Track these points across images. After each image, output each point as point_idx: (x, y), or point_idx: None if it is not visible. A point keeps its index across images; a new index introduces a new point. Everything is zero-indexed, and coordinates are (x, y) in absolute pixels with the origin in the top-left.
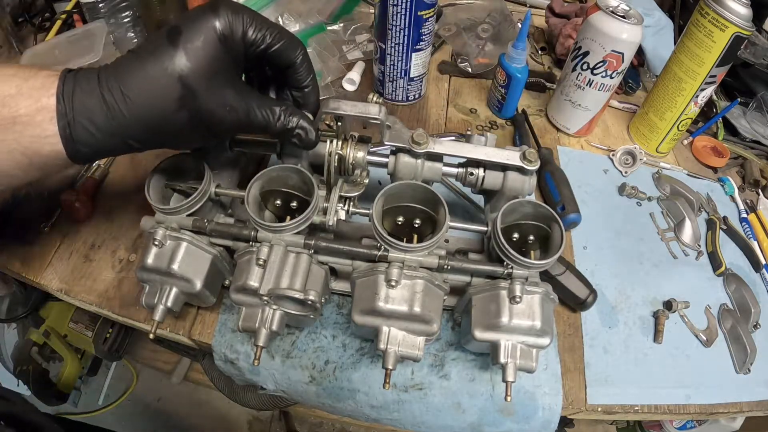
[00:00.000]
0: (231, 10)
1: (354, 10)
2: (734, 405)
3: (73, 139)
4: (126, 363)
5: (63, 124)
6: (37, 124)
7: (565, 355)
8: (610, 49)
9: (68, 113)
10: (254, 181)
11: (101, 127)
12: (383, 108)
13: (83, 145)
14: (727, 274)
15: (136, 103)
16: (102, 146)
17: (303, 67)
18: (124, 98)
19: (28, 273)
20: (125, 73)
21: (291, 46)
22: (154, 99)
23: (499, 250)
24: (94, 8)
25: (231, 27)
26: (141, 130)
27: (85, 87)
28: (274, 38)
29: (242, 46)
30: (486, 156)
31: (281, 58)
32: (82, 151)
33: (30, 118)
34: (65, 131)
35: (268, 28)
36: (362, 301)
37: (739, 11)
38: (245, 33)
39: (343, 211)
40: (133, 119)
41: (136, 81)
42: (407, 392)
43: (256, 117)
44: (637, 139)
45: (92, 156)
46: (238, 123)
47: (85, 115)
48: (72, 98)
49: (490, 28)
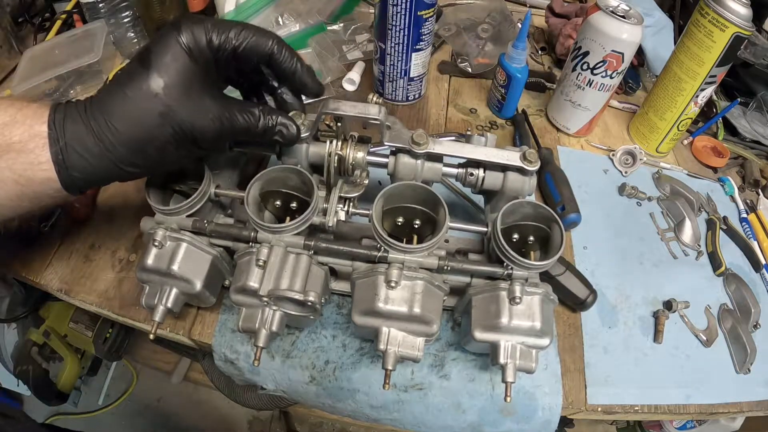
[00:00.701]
0: (192, 22)
1: (354, 10)
2: (734, 405)
3: (66, 165)
4: (126, 363)
5: (55, 150)
6: (30, 151)
7: (565, 355)
8: (610, 49)
9: (60, 139)
10: (254, 181)
11: (92, 151)
12: (383, 108)
13: (76, 170)
14: (727, 274)
15: (121, 127)
16: (94, 172)
17: (283, 54)
18: (108, 125)
19: (28, 273)
20: (107, 100)
21: (260, 40)
22: (136, 119)
23: (498, 251)
24: (94, 8)
25: (194, 37)
26: (129, 152)
27: (74, 115)
28: (240, 36)
29: (210, 53)
30: (486, 156)
31: (256, 52)
32: (74, 177)
33: (23, 145)
34: (57, 157)
35: (231, 29)
36: (362, 302)
37: (739, 11)
38: (210, 40)
39: (343, 211)
40: (120, 143)
41: (117, 105)
42: (407, 392)
43: (237, 121)
44: (637, 139)
45: (85, 184)
46: (221, 130)
47: (76, 141)
48: (63, 125)
49: (490, 28)
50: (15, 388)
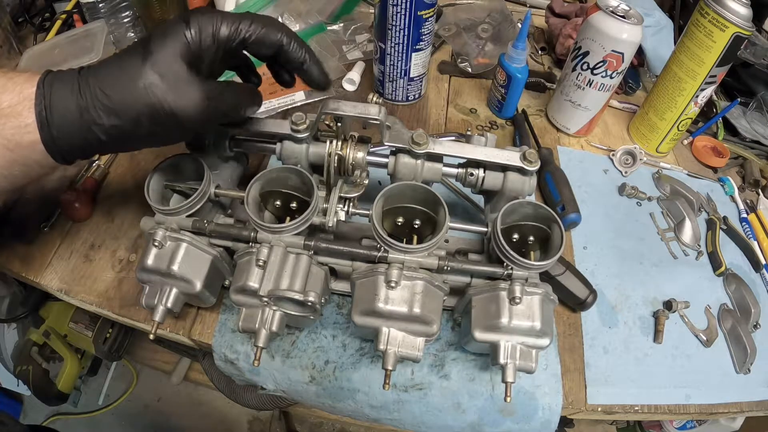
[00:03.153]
0: (201, 15)
1: (354, 10)
2: (734, 405)
3: (47, 124)
4: (126, 363)
5: (40, 109)
6: (18, 114)
7: (565, 355)
8: (610, 49)
9: (45, 98)
10: (254, 181)
11: (72, 110)
12: (383, 108)
13: (55, 128)
14: (727, 274)
15: (107, 90)
16: (72, 132)
17: (293, 45)
18: (96, 87)
19: (28, 273)
20: (101, 68)
21: (270, 30)
22: (124, 88)
23: (498, 251)
24: (94, 8)
25: (201, 31)
26: (112, 122)
27: (66, 77)
28: (250, 28)
29: (215, 47)
30: (486, 156)
31: (265, 44)
32: (56, 138)
33: (12, 109)
34: (41, 116)
35: (241, 21)
36: (362, 302)
37: (739, 11)
38: (218, 32)
39: (343, 211)
40: (102, 105)
41: (110, 73)
42: (407, 392)
43: (227, 105)
44: (637, 139)
45: (67, 148)
46: (207, 112)
47: (60, 100)
48: (51, 87)
49: (490, 28)
50: (15, 388)
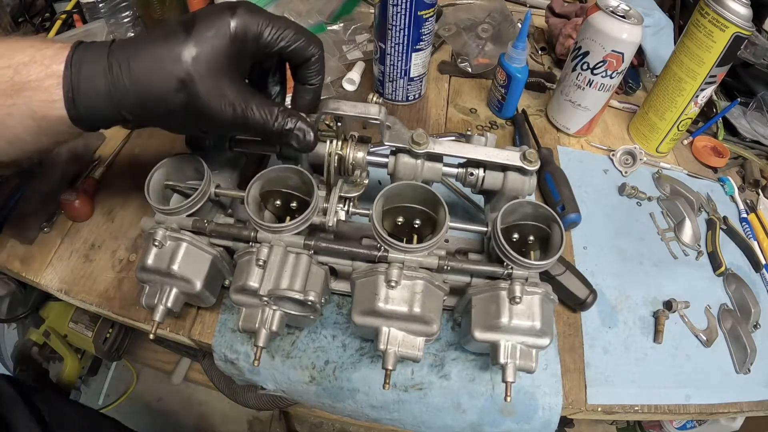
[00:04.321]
0: (248, 11)
1: (354, 10)
2: (734, 405)
3: (75, 104)
4: (126, 363)
5: (67, 89)
6: (45, 89)
7: (565, 355)
8: (610, 49)
9: (74, 79)
10: (254, 181)
11: (102, 94)
12: (383, 108)
13: (84, 109)
14: (727, 274)
15: (139, 77)
16: (101, 114)
17: (315, 66)
18: (129, 69)
19: (28, 273)
20: (135, 47)
21: (308, 44)
22: (155, 76)
23: (499, 250)
24: (94, 8)
25: (245, 27)
26: (137, 103)
27: (95, 56)
28: (293, 38)
29: (254, 47)
30: (486, 156)
31: (297, 55)
32: (83, 117)
33: (39, 83)
34: (68, 95)
35: (287, 28)
36: (362, 302)
37: (739, 11)
38: (260, 34)
39: (343, 211)
40: (133, 91)
41: (143, 56)
42: (407, 392)
43: (253, 116)
44: (637, 139)
45: (92, 123)
46: (234, 120)
47: (89, 81)
48: (80, 66)
49: (490, 28)
50: None
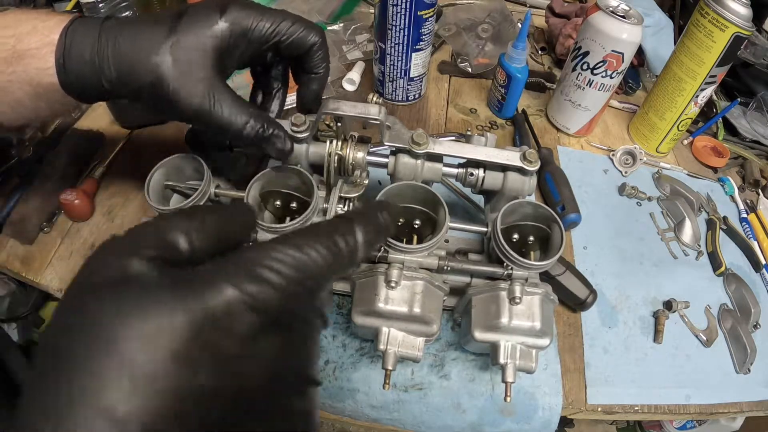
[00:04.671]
0: (240, 7)
1: (354, 10)
2: (734, 405)
3: (65, 70)
4: None
5: (59, 56)
6: (41, 57)
7: (565, 355)
8: (610, 49)
9: (66, 48)
10: (254, 181)
11: (87, 62)
12: (383, 108)
13: (73, 76)
14: (727, 274)
15: (120, 50)
16: (87, 81)
17: (318, 54)
18: (115, 43)
19: (28, 273)
20: (125, 25)
21: (308, 33)
22: (134, 53)
23: (498, 251)
24: (94, 8)
25: (236, 23)
26: (115, 75)
27: (87, 29)
28: (289, 29)
29: (245, 43)
30: (486, 156)
31: (297, 47)
32: (72, 83)
33: (37, 51)
34: (59, 62)
35: (282, 20)
36: (362, 302)
37: (739, 11)
38: (252, 29)
39: (343, 211)
40: (114, 62)
41: (129, 33)
42: (407, 392)
43: (219, 114)
44: (637, 139)
45: (81, 91)
46: (197, 113)
47: (78, 50)
48: (73, 36)
49: (490, 28)
50: None
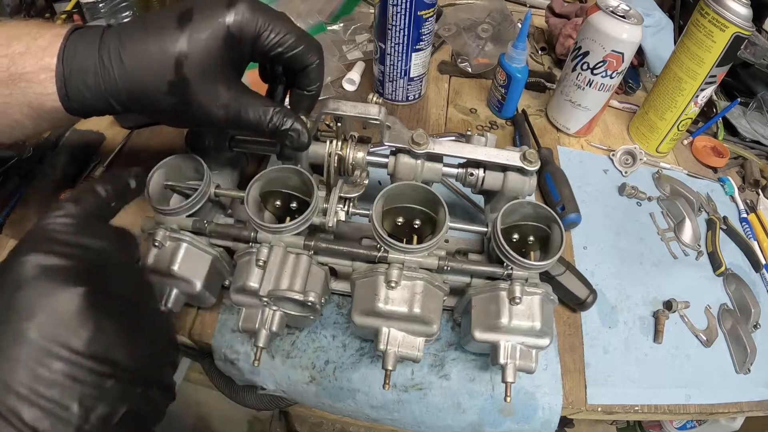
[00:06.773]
0: (248, 9)
1: (354, 10)
2: (734, 405)
3: (68, 98)
4: None
5: (60, 84)
6: (40, 82)
7: (565, 355)
8: (610, 49)
9: (66, 74)
10: (254, 181)
11: (92, 89)
12: (383, 108)
13: (77, 103)
14: (727, 274)
15: (129, 73)
16: (94, 106)
17: (313, 74)
18: (120, 64)
19: None
20: (128, 40)
21: (308, 50)
22: (147, 75)
23: (498, 251)
24: (94, 8)
25: (242, 28)
26: (128, 99)
27: (85, 49)
28: (292, 44)
29: (250, 47)
30: (486, 156)
31: (295, 62)
32: (77, 108)
33: (34, 75)
34: (62, 91)
35: (287, 33)
36: (362, 302)
37: (739, 11)
38: (258, 37)
39: (343, 211)
40: (124, 88)
41: (134, 50)
42: (407, 392)
43: (246, 117)
44: (637, 139)
45: (87, 113)
46: (227, 121)
47: (80, 77)
48: (72, 60)
49: (490, 28)
50: None
